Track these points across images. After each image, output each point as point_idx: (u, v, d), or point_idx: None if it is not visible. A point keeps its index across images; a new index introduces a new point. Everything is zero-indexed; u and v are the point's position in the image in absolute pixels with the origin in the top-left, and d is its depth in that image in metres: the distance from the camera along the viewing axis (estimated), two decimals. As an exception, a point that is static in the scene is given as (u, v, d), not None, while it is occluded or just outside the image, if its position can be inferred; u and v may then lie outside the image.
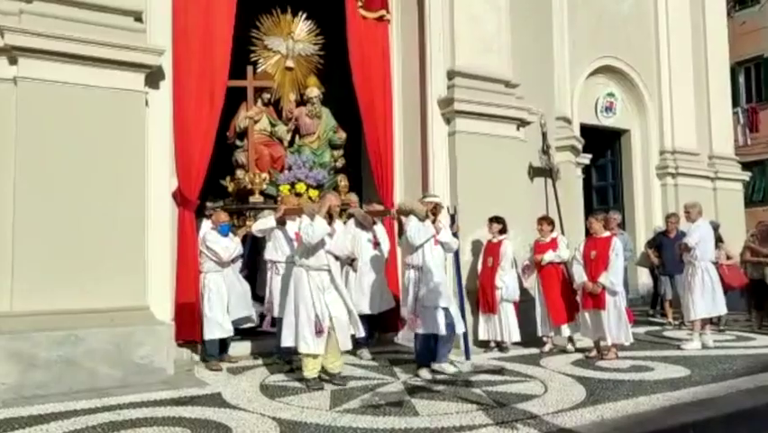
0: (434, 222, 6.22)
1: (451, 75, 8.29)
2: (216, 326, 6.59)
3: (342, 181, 8.96)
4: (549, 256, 7.62)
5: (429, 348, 6.14)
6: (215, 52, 7.08)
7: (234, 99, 8.70)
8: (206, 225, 7.08)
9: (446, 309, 6.05)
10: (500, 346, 7.58)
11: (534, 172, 9.36)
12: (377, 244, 7.35)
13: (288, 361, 6.42)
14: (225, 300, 6.72)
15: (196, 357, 6.83)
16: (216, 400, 5.18)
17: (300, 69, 9.66)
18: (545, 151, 9.40)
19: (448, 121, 8.27)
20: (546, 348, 7.58)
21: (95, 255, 5.81)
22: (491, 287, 7.55)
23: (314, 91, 9.30)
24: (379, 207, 7.73)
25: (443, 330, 6.01)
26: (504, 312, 7.56)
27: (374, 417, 4.68)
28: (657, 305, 10.99)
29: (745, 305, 10.25)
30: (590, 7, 12.58)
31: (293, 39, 9.61)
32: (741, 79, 20.17)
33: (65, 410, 4.86)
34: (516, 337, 7.54)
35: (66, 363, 5.46)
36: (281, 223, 6.77)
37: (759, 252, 9.72)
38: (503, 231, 7.72)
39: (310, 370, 5.64)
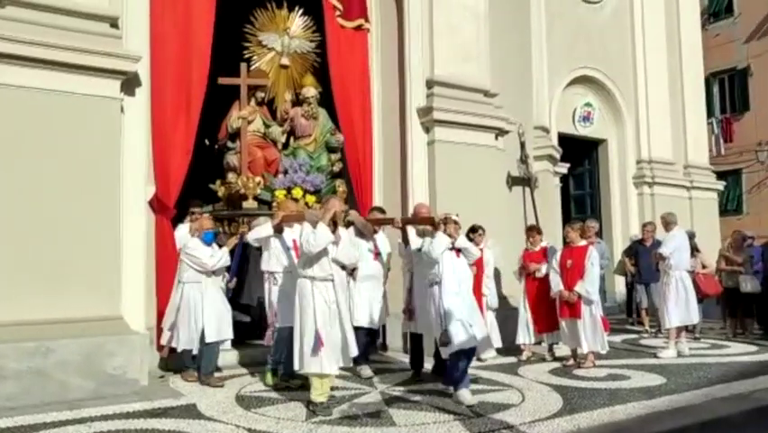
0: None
1: (430, 84, 8.32)
2: (186, 337, 6.16)
3: (341, 187, 8.51)
4: (545, 269, 7.56)
5: (463, 368, 5.40)
6: (194, 58, 7.04)
7: (226, 98, 8.44)
8: (183, 228, 6.92)
9: (470, 325, 5.42)
10: (479, 357, 7.56)
11: (513, 181, 9.42)
12: (377, 255, 6.87)
13: (287, 377, 5.99)
14: (198, 313, 6.16)
15: (173, 367, 6.70)
16: (191, 412, 5.10)
17: (296, 68, 9.17)
18: (524, 160, 9.47)
19: (427, 130, 8.30)
20: (524, 357, 7.60)
21: (66, 264, 5.70)
22: (477, 294, 7.53)
23: (310, 91, 8.80)
24: (381, 216, 7.03)
25: (472, 344, 5.40)
26: (487, 320, 7.55)
27: (351, 428, 4.64)
28: (633, 313, 11.09)
29: (721, 313, 10.39)
30: (568, 18, 12.73)
31: (288, 35, 9.07)
32: (715, 90, 20.52)
33: (35, 423, 4.75)
34: (498, 344, 7.54)
35: (36, 375, 5.33)
36: (278, 231, 6.28)
37: (733, 261, 9.86)
38: (480, 236, 7.71)
39: (320, 393, 5.09)
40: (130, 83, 6.32)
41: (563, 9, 12.67)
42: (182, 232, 6.92)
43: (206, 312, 6.16)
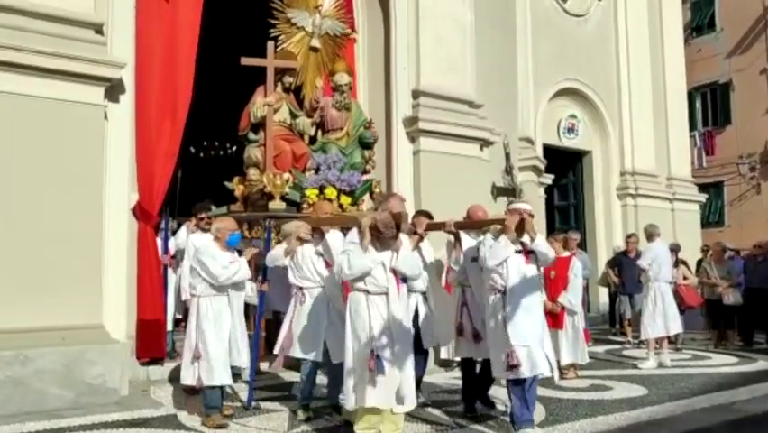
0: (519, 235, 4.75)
1: (416, 94, 8.36)
2: (219, 368, 4.93)
3: (377, 188, 7.51)
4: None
5: (531, 398, 4.68)
6: (180, 64, 6.96)
7: (246, 84, 7.61)
8: (183, 232, 6.74)
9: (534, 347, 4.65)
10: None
11: (498, 192, 9.46)
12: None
13: (331, 409, 5.23)
14: (227, 333, 5.06)
15: (154, 377, 6.62)
16: (171, 422, 5.04)
17: (326, 51, 7.97)
18: (508, 171, 9.53)
19: (413, 140, 8.32)
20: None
21: (46, 272, 5.62)
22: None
23: (344, 77, 7.61)
24: (426, 220, 5.58)
25: (545, 370, 4.63)
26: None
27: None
28: (616, 324, 11.16)
29: (705, 324, 10.51)
30: (554, 31, 12.87)
31: (320, 14, 7.88)
32: (698, 104, 20.79)
33: (11, 433, 4.68)
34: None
35: (14, 384, 5.25)
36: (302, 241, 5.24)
37: (709, 276, 10.00)
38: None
39: (364, 429, 4.30)
40: (114, 89, 6.28)
41: (549, 22, 12.83)
42: (182, 237, 6.74)
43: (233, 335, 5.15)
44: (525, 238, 4.73)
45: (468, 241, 5.23)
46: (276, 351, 5.32)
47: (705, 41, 20.76)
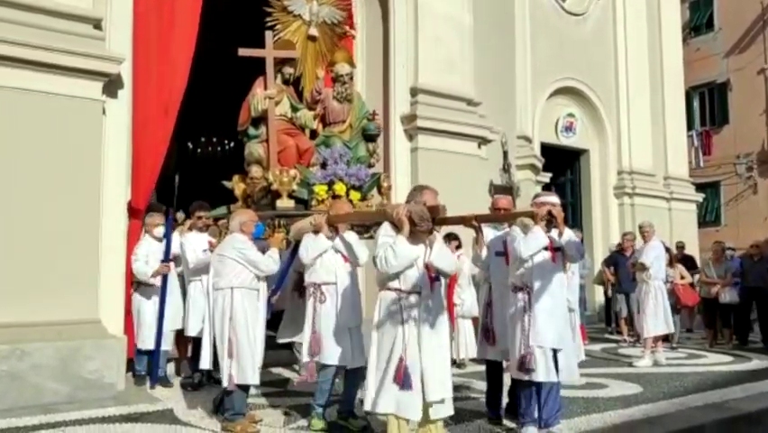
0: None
1: (414, 92, 8.38)
2: (249, 368, 4.70)
3: (386, 182, 7.22)
4: None
5: (537, 401, 4.56)
6: (177, 61, 6.95)
7: (241, 76, 7.32)
8: (175, 237, 6.39)
9: (558, 350, 4.52)
10: (457, 363, 7.59)
11: (495, 190, 9.47)
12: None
13: (345, 415, 4.85)
14: (261, 331, 4.91)
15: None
16: (167, 417, 5.05)
17: (325, 41, 7.58)
18: (506, 169, 9.55)
19: (411, 137, 8.35)
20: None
21: (43, 266, 5.63)
22: (449, 304, 7.56)
23: (344, 68, 7.22)
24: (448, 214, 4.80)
25: (554, 376, 4.49)
26: (462, 329, 7.59)
27: (329, 435, 4.60)
28: (612, 322, 11.19)
29: (700, 323, 10.57)
30: (552, 30, 12.89)
31: (317, 0, 7.52)
32: (695, 104, 20.81)
33: (8, 427, 4.68)
34: (474, 354, 7.55)
35: (10, 378, 5.26)
36: (321, 228, 4.97)
37: (707, 276, 10.08)
38: (458, 247, 7.74)
39: None
40: (112, 84, 6.28)
41: (547, 21, 12.84)
42: (174, 243, 6.33)
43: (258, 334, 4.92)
44: (553, 233, 4.53)
45: (490, 234, 4.97)
46: (305, 358, 4.92)
47: (703, 40, 20.77)
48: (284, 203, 6.45)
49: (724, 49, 20.35)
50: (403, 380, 3.82)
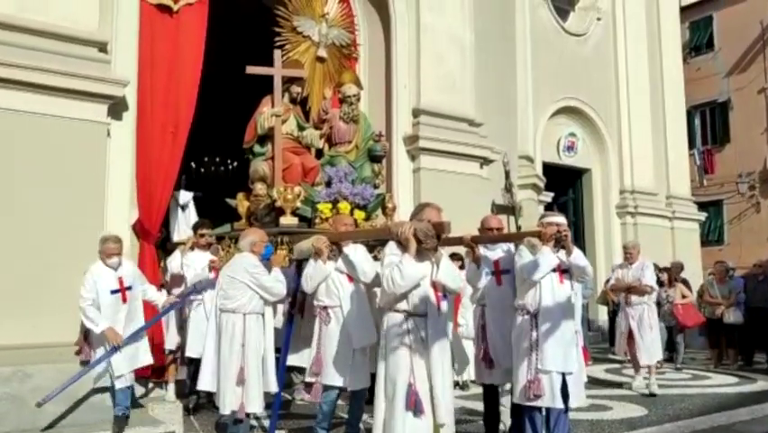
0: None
1: (416, 113, 8.43)
2: (257, 397, 4.64)
3: (390, 202, 7.21)
4: None
5: (546, 427, 4.47)
6: (182, 84, 7.01)
7: (248, 95, 7.44)
8: (177, 256, 6.25)
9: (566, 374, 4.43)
10: (460, 385, 7.54)
11: (498, 210, 9.48)
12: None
13: None
14: (270, 356, 4.80)
15: (152, 394, 6.59)
16: (169, 440, 5.02)
17: (333, 62, 7.76)
18: (508, 188, 9.55)
19: (413, 158, 8.39)
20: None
21: (46, 288, 5.64)
22: (453, 324, 7.51)
23: (351, 89, 7.34)
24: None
25: (559, 402, 4.38)
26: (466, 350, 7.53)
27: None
28: (616, 342, 11.09)
29: (706, 343, 10.47)
30: (553, 49, 12.97)
31: (327, 22, 7.65)
32: (697, 122, 20.87)
33: (8, 451, 4.66)
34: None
35: (11, 401, 5.24)
36: (322, 254, 4.81)
37: (711, 296, 9.97)
38: (462, 267, 7.69)
39: None
40: (117, 107, 6.34)
41: (548, 41, 12.93)
42: (176, 261, 6.21)
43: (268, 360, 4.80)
44: (561, 254, 4.47)
45: (484, 254, 4.90)
46: (307, 378, 4.88)
47: (703, 60, 20.88)
48: (287, 220, 6.44)
49: (724, 68, 20.45)
50: (415, 405, 3.70)
